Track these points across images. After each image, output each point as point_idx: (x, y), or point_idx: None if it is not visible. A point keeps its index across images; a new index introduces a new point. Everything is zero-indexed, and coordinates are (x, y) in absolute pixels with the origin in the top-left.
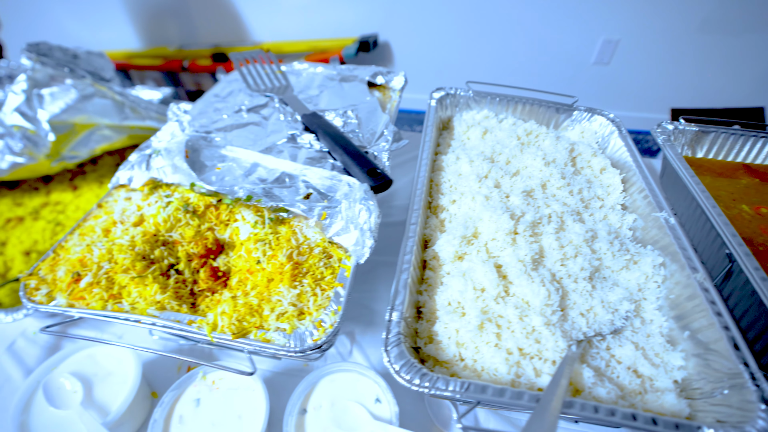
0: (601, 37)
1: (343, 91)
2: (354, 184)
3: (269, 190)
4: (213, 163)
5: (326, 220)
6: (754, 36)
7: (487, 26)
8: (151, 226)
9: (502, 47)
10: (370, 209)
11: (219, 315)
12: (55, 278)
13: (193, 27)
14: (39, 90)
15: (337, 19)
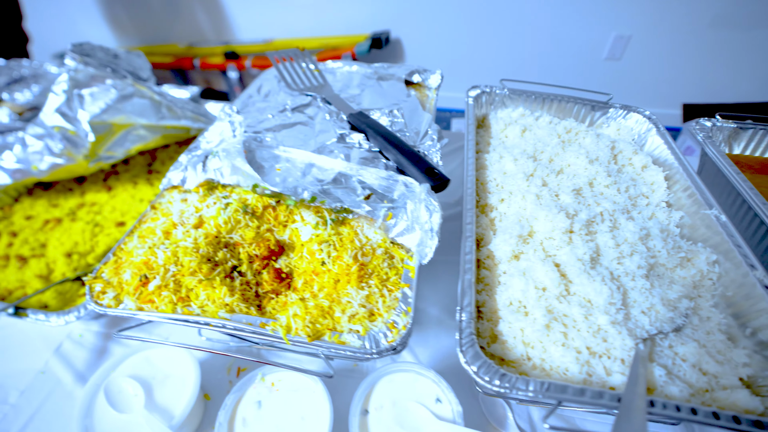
0: (613, 33)
1: (383, 89)
2: (411, 184)
3: (328, 191)
4: (270, 164)
5: (391, 220)
6: (764, 31)
7: (497, 22)
8: (212, 228)
9: (513, 43)
10: (432, 209)
11: (291, 317)
12: (121, 281)
13: (203, 24)
14: (79, 90)
15: (348, 15)
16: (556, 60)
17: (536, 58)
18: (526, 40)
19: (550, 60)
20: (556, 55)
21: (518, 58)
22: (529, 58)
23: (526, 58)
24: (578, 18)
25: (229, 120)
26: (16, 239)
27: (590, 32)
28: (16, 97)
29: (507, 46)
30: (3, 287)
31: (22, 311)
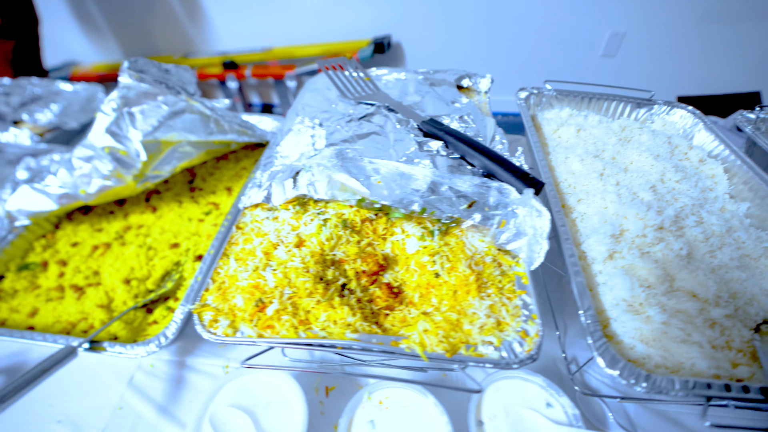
0: (608, 31)
1: (438, 95)
2: (506, 190)
3: (430, 202)
4: (364, 177)
5: (500, 228)
6: (753, 24)
7: (493, 22)
8: (315, 246)
9: (511, 42)
10: (540, 213)
11: (422, 333)
12: (232, 308)
13: (197, 35)
14: (129, 108)
15: (348, 21)
16: (553, 58)
17: (534, 57)
18: (523, 40)
19: (548, 58)
20: (554, 54)
21: (517, 57)
22: (527, 57)
23: (524, 57)
24: (574, 17)
25: (311, 134)
26: (66, 268)
27: (586, 30)
28: (38, 118)
29: (504, 45)
30: (64, 320)
31: (96, 345)
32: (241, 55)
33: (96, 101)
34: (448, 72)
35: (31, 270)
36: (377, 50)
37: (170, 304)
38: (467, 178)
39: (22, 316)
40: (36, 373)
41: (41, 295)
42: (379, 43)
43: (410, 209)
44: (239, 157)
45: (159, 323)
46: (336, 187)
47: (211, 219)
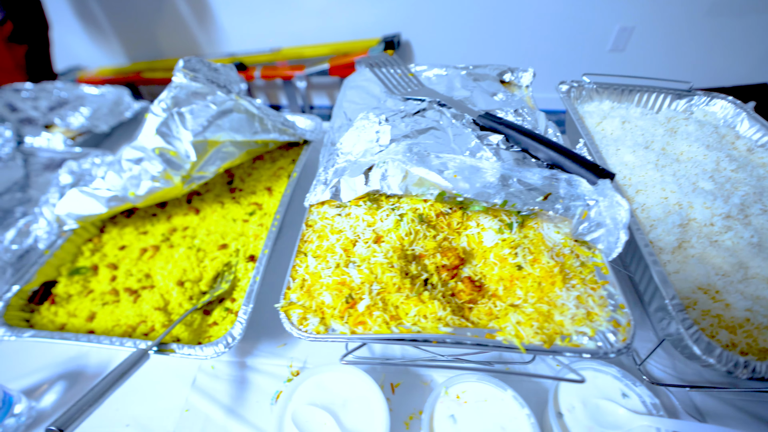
0: (617, 25)
1: (484, 90)
2: (576, 181)
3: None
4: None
5: (582, 219)
6: (759, 16)
7: (502, 19)
8: (395, 242)
9: (518, 39)
10: (618, 204)
11: (516, 325)
12: (321, 305)
13: (206, 36)
14: (179, 108)
15: (356, 20)
16: (562, 53)
17: (542, 54)
18: (531, 37)
19: (556, 53)
20: (562, 49)
21: (525, 54)
22: (535, 54)
23: (532, 53)
24: (583, 11)
25: (376, 130)
26: (118, 272)
27: (594, 25)
28: (70, 122)
29: (512, 42)
30: (124, 323)
31: (163, 347)
32: (250, 57)
33: (123, 104)
34: (488, 67)
35: (82, 274)
36: (387, 49)
37: (227, 304)
38: (536, 170)
39: (81, 321)
40: (115, 377)
41: (96, 299)
42: (389, 41)
43: (492, 202)
44: (275, 156)
45: (219, 324)
46: (412, 182)
47: (255, 219)
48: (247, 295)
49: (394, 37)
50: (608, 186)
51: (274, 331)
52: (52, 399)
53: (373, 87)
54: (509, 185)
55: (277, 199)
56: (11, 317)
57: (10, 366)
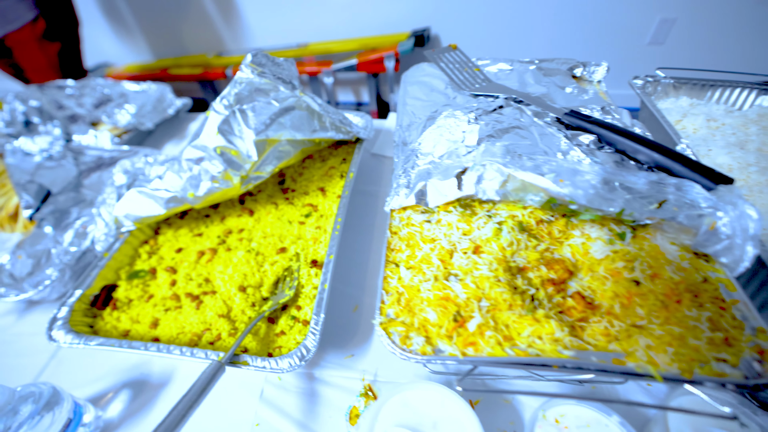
0: (658, 17)
1: (557, 85)
2: (687, 186)
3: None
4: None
5: (710, 230)
6: None
7: (536, 11)
8: (497, 252)
9: (554, 32)
10: (746, 213)
11: (646, 350)
12: (424, 323)
13: (232, 32)
14: (241, 105)
15: (385, 13)
16: (597, 46)
17: (577, 45)
18: (567, 30)
19: (591, 46)
20: (598, 41)
21: (559, 48)
22: (572, 48)
23: (568, 48)
24: (622, 2)
25: (463, 130)
26: (177, 276)
27: (634, 17)
28: (118, 119)
29: (547, 36)
30: (188, 331)
31: (236, 360)
32: (276, 52)
33: (165, 101)
34: (555, 61)
35: (141, 278)
36: (417, 43)
37: (293, 312)
38: (641, 174)
39: (145, 327)
40: (195, 393)
41: (158, 305)
42: (419, 35)
43: (608, 210)
44: (324, 155)
45: (287, 334)
46: (513, 187)
47: (312, 222)
48: (317, 303)
49: (423, 31)
50: (734, 193)
51: (340, 341)
52: (118, 408)
53: (435, 82)
54: (615, 190)
55: (331, 199)
56: (76, 323)
57: (73, 372)
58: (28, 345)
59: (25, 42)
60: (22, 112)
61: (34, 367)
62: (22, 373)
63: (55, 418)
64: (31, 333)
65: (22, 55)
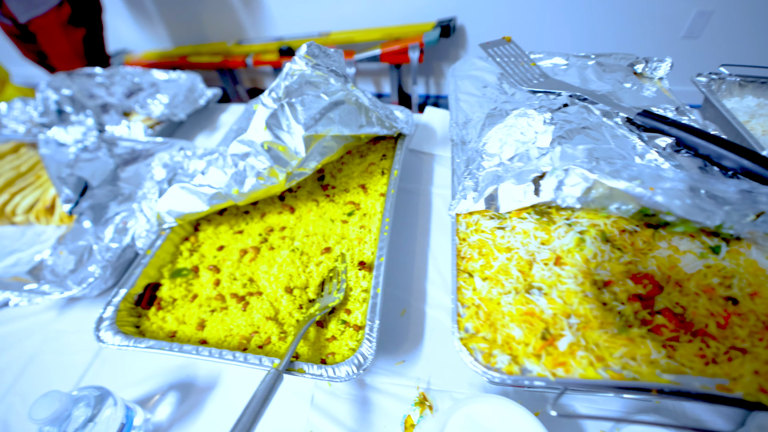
0: (695, 9)
1: (620, 82)
2: None
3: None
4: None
5: None
6: None
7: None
8: (581, 265)
9: (586, 25)
10: None
11: (755, 377)
12: (508, 340)
13: (252, 20)
14: (290, 99)
15: (409, 2)
16: (629, 38)
17: (608, 37)
18: (600, 22)
19: (623, 38)
20: (630, 34)
21: (589, 41)
22: (600, 38)
23: (599, 41)
24: None
25: (536, 130)
26: (221, 275)
27: (670, 8)
28: (152, 110)
29: (578, 28)
30: (236, 334)
31: (291, 367)
32: (297, 41)
33: (196, 91)
34: (613, 56)
35: (184, 276)
36: (443, 34)
37: (342, 316)
38: (731, 182)
39: (191, 328)
40: (258, 403)
41: (203, 305)
42: (445, 25)
43: (706, 223)
44: (362, 151)
45: (338, 339)
46: (597, 194)
47: (355, 221)
48: (371, 308)
49: (449, 21)
50: None
51: (390, 346)
52: (166, 411)
53: (487, 77)
54: (711, 201)
55: (373, 197)
56: (122, 323)
57: (118, 372)
58: (70, 343)
59: (50, 27)
60: (55, 101)
61: (77, 366)
62: (67, 372)
63: (110, 424)
64: (73, 330)
65: (47, 41)
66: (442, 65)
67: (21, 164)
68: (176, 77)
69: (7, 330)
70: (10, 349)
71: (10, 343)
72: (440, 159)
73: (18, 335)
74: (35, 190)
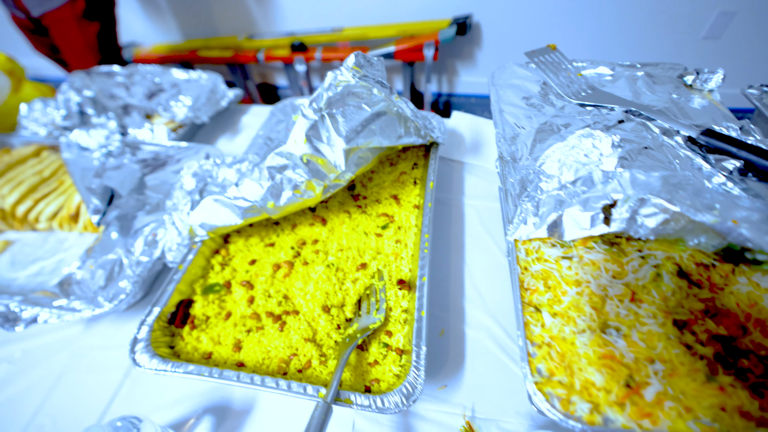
0: (717, 9)
1: (672, 95)
2: None
3: None
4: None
5: None
6: None
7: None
8: (660, 303)
9: (605, 24)
10: None
11: None
12: (587, 385)
13: (264, 14)
14: (331, 110)
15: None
16: (647, 39)
17: (627, 37)
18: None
19: (641, 39)
20: (649, 34)
21: (609, 41)
22: (618, 39)
23: (618, 41)
24: None
25: (602, 153)
26: (255, 292)
27: (691, 8)
28: (175, 113)
29: (594, 25)
30: (275, 356)
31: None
32: (309, 36)
33: (218, 92)
34: (659, 66)
35: (216, 292)
36: (459, 32)
37: (383, 338)
38: None
39: (227, 350)
40: None
41: (238, 324)
42: (461, 23)
43: None
44: (392, 159)
45: (381, 364)
46: (677, 226)
47: (390, 234)
48: (416, 332)
49: (465, 18)
50: None
51: (430, 370)
52: None
53: (530, 86)
54: None
55: (406, 209)
56: (158, 344)
57: (150, 393)
58: (98, 360)
59: (64, 22)
60: (77, 103)
61: (108, 385)
62: (97, 392)
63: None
64: (101, 346)
65: (60, 35)
66: (456, 63)
67: (44, 169)
68: (196, 77)
69: (33, 345)
70: (37, 366)
71: (37, 360)
72: (470, 167)
73: (45, 351)
74: (59, 197)
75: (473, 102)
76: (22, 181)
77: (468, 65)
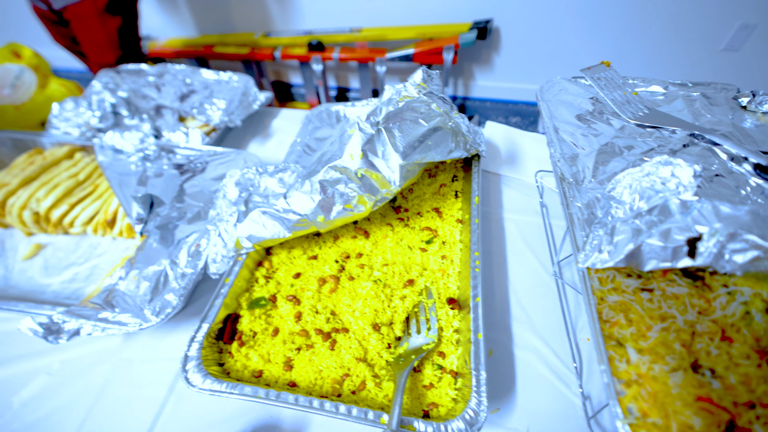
0: (738, 22)
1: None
2: None
3: None
4: None
5: None
6: None
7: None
8: (752, 342)
9: (625, 34)
10: None
11: None
12: (685, 429)
13: (281, 12)
14: (387, 123)
15: (444, 1)
16: (667, 51)
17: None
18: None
19: (660, 51)
20: (669, 46)
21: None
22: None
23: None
24: (700, 6)
25: (681, 182)
26: (302, 307)
27: (711, 21)
28: (211, 116)
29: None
30: (327, 376)
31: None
32: (327, 36)
33: (250, 95)
34: (712, 86)
35: (262, 307)
36: (479, 36)
37: (436, 359)
38: None
39: (278, 368)
40: None
41: (287, 342)
42: (482, 27)
43: None
44: (431, 170)
45: (436, 387)
46: None
47: (435, 249)
48: (473, 356)
49: (486, 22)
50: None
51: None
52: None
53: (582, 103)
54: None
55: (449, 223)
56: (208, 362)
57: (197, 410)
58: (140, 374)
59: (86, 15)
60: (111, 104)
61: (152, 401)
62: (141, 408)
63: None
64: (142, 359)
65: (81, 28)
66: (473, 67)
67: (78, 172)
68: (227, 79)
69: (72, 356)
70: (78, 378)
71: (76, 372)
72: (507, 180)
73: (84, 362)
74: (94, 201)
75: (488, 106)
76: (57, 185)
77: (485, 69)
